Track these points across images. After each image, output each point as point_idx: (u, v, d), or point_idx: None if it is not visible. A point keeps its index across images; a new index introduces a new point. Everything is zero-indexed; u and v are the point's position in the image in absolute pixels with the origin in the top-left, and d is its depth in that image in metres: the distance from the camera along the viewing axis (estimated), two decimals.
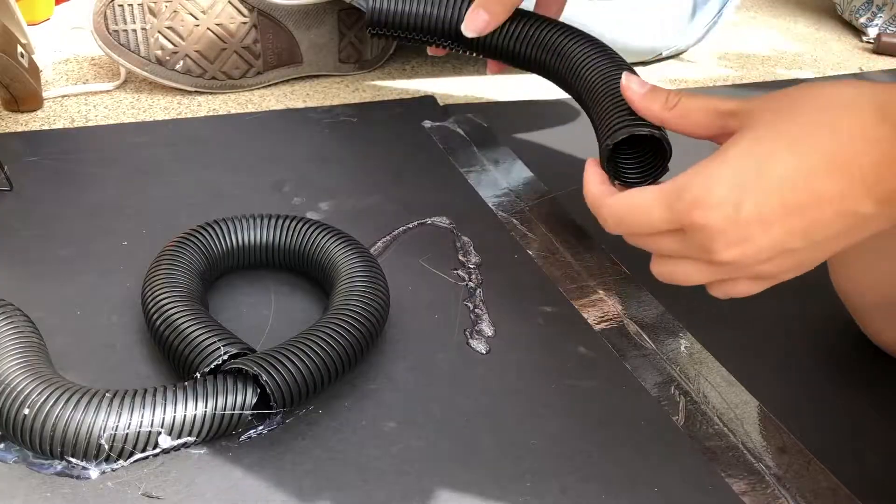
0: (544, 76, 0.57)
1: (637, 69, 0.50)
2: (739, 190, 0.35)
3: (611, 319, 0.54)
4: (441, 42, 0.55)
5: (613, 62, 0.51)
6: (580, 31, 0.54)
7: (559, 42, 0.54)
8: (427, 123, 0.75)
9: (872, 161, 0.31)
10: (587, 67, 0.51)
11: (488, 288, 0.56)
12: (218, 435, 0.41)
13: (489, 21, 0.51)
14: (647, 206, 0.38)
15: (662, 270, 0.41)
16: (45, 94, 0.77)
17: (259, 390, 0.41)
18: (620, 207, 0.40)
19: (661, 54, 1.00)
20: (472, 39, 0.54)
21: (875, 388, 0.51)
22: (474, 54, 0.56)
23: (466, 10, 0.53)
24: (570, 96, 0.57)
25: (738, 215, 0.35)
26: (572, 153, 0.76)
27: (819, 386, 0.51)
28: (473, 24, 0.51)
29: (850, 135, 0.32)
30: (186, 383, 0.41)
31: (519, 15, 0.54)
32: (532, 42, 0.54)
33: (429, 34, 0.54)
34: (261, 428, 0.43)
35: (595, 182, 0.44)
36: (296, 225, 0.53)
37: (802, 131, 0.34)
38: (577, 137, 0.77)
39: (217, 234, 0.52)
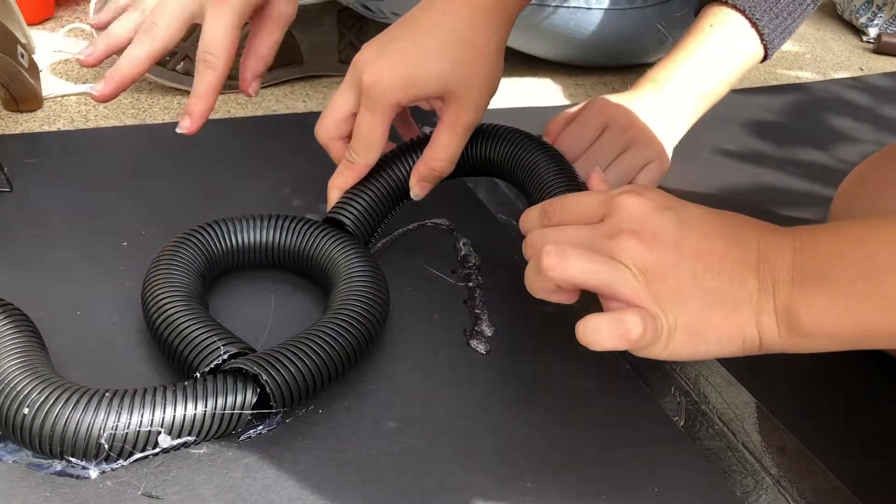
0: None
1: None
2: (671, 202, 0.40)
3: None
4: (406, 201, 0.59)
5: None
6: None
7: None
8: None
9: (760, 251, 0.38)
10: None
11: (488, 288, 0.56)
12: (218, 435, 0.41)
13: (430, 186, 0.56)
14: (587, 194, 0.43)
15: (555, 248, 0.39)
16: (44, 94, 0.77)
17: (259, 390, 0.41)
18: (568, 196, 0.44)
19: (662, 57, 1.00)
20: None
21: (875, 388, 0.51)
22: None
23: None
24: (568, 103, 0.57)
25: (661, 213, 0.39)
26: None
27: (819, 386, 0.51)
28: (420, 192, 0.56)
29: (751, 229, 0.39)
30: (186, 383, 0.41)
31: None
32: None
33: (394, 206, 0.58)
34: (261, 428, 0.43)
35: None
36: (296, 225, 0.53)
37: (714, 210, 0.40)
38: None
39: (217, 234, 0.52)
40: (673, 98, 0.70)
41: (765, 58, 0.73)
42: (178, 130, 0.58)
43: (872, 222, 0.36)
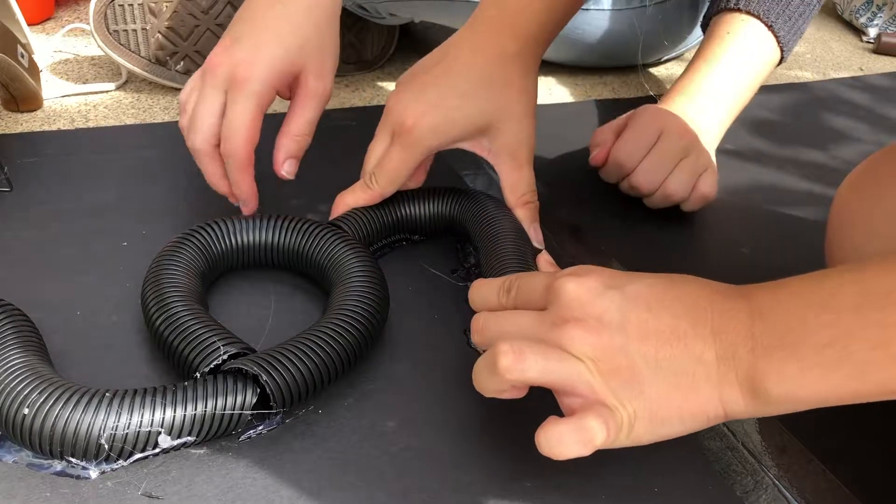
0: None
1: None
2: (612, 280, 0.38)
3: None
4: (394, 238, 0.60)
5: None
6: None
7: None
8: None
9: (715, 321, 0.36)
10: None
11: None
12: (218, 435, 0.41)
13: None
14: (535, 276, 0.41)
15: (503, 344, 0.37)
16: (44, 94, 0.77)
17: (259, 390, 0.41)
18: (521, 276, 0.42)
19: (661, 57, 1.00)
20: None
21: None
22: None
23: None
24: (569, 101, 0.57)
25: (602, 295, 0.37)
26: (568, 156, 0.76)
27: None
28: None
29: (702, 296, 0.37)
30: (186, 383, 0.41)
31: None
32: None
33: (391, 235, 0.59)
34: (261, 428, 0.43)
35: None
36: (296, 225, 0.53)
37: (661, 279, 0.38)
38: (573, 140, 0.77)
39: (217, 234, 0.52)
40: (707, 108, 0.70)
41: (781, 60, 0.74)
42: (245, 212, 0.56)
43: (831, 282, 0.34)
